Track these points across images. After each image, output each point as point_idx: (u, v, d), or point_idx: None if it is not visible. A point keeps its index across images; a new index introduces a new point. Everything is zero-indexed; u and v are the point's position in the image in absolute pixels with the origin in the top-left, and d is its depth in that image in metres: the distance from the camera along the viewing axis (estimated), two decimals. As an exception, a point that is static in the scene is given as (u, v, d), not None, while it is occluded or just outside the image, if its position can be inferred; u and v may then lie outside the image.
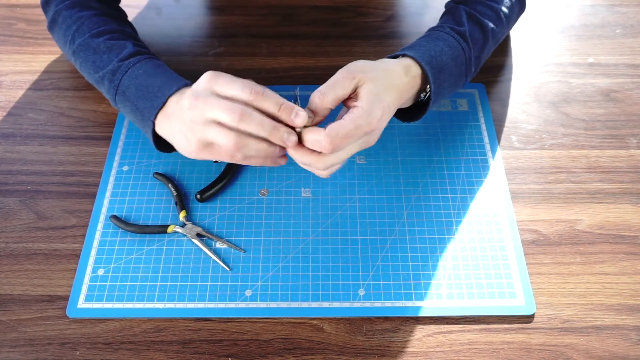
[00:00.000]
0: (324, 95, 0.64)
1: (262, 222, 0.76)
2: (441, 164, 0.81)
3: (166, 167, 0.82)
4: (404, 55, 0.72)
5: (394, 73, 0.68)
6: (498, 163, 0.81)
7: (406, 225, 0.75)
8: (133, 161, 0.82)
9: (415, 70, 0.70)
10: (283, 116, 0.62)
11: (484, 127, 0.85)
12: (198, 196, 0.77)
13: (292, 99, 0.66)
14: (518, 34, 0.97)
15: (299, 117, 0.62)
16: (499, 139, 0.84)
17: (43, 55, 0.95)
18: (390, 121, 0.85)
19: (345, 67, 0.66)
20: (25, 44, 0.98)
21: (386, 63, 0.69)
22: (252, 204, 0.78)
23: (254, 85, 0.62)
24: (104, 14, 0.81)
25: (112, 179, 0.80)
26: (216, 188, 0.78)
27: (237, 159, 0.64)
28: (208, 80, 0.63)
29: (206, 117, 0.62)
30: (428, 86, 0.72)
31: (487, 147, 0.83)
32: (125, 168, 0.82)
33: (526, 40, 0.96)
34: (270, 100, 0.62)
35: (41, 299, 0.71)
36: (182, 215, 0.76)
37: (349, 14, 1.02)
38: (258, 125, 0.62)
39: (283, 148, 0.64)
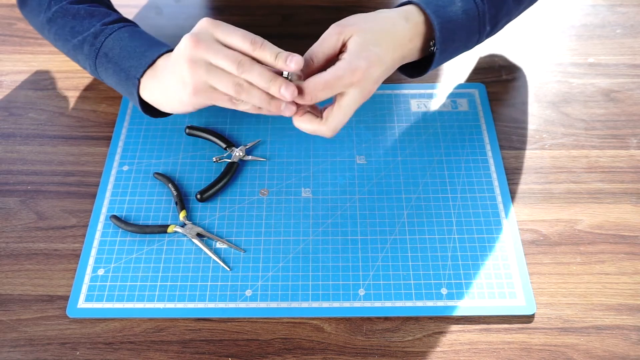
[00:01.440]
0: (314, 55, 0.65)
1: (262, 222, 0.76)
2: (441, 164, 0.81)
3: (166, 167, 0.82)
4: (407, 3, 0.70)
5: (390, 21, 0.67)
6: (498, 163, 0.81)
7: (406, 225, 0.75)
8: (133, 161, 0.82)
9: (417, 17, 0.68)
10: (279, 64, 0.62)
11: (484, 127, 0.85)
12: (198, 196, 0.77)
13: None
14: (518, 33, 0.97)
15: (294, 61, 0.62)
16: (499, 139, 0.84)
17: (43, 55, 0.95)
18: (391, 120, 0.86)
19: (338, 21, 0.66)
20: (25, 44, 0.98)
21: (383, 12, 0.68)
22: (252, 204, 0.78)
23: (253, 36, 0.63)
24: None
25: (112, 179, 0.80)
26: (216, 188, 0.78)
27: (235, 104, 0.65)
28: (208, 25, 0.64)
29: (208, 60, 0.63)
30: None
31: (487, 147, 0.83)
32: (125, 168, 0.81)
33: (526, 40, 0.96)
34: (268, 49, 0.63)
35: (41, 299, 0.71)
36: (182, 215, 0.76)
37: (348, 14, 1.01)
38: (258, 76, 0.62)
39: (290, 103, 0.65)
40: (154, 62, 0.70)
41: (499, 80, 0.91)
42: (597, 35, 0.97)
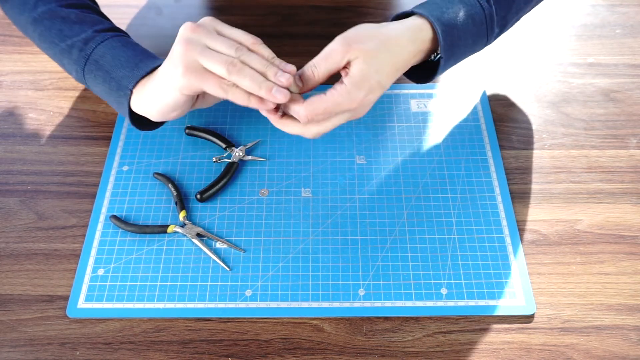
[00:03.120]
0: (316, 69, 0.65)
1: (262, 222, 0.76)
2: (441, 164, 0.81)
3: (166, 167, 0.82)
4: (412, 13, 0.69)
5: (397, 43, 0.66)
6: (498, 163, 0.81)
7: (406, 225, 0.75)
8: (133, 161, 0.82)
9: (426, 33, 0.68)
10: (270, 73, 0.64)
11: (484, 127, 0.85)
12: (198, 196, 0.77)
13: None
14: (518, 33, 0.97)
15: (284, 76, 0.63)
16: (499, 139, 0.84)
17: (43, 55, 0.95)
18: (391, 120, 0.86)
19: (343, 34, 0.65)
20: (25, 44, 0.98)
21: (391, 29, 0.66)
22: (252, 204, 0.78)
23: (252, 36, 0.66)
24: None
25: (112, 179, 0.80)
26: (216, 188, 0.78)
27: (225, 89, 0.64)
28: (210, 20, 0.66)
29: (204, 43, 0.64)
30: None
31: (487, 147, 0.83)
32: (125, 168, 0.82)
33: (526, 40, 0.96)
34: (267, 50, 0.66)
35: (41, 299, 0.71)
36: (182, 215, 0.76)
37: (349, 14, 1.02)
38: (255, 59, 0.64)
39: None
40: (147, 74, 0.69)
41: (499, 80, 0.91)
42: (597, 35, 0.97)
